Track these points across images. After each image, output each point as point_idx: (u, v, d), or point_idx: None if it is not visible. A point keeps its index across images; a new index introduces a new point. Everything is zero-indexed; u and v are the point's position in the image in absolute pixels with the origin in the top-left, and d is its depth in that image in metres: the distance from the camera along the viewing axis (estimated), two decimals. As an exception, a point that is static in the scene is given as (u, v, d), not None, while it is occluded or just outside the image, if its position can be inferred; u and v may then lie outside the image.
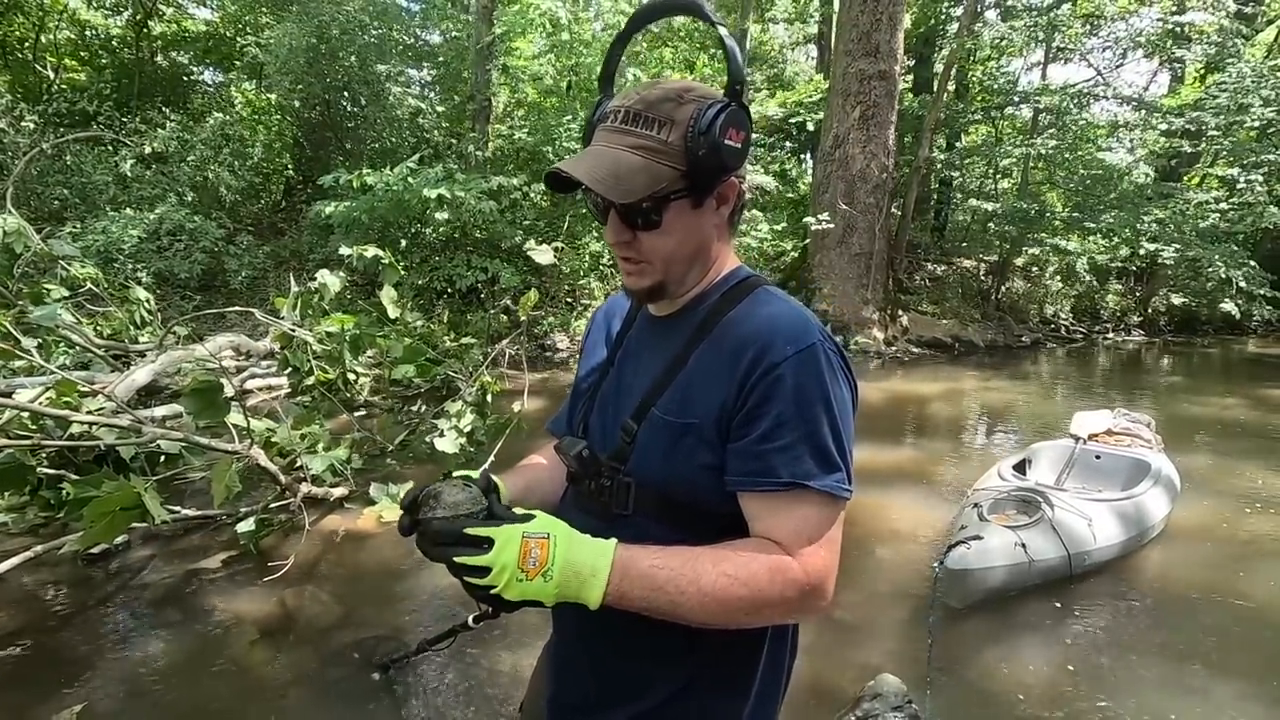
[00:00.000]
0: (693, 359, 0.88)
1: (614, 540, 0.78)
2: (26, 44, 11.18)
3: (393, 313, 5.61)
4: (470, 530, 0.73)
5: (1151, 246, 10.91)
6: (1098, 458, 4.02)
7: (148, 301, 6.08)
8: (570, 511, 1.02)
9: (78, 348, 5.16)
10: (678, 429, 0.86)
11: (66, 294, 5.24)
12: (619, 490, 0.91)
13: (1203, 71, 12.68)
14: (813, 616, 0.84)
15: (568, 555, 0.74)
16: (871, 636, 2.76)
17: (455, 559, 0.73)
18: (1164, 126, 11.29)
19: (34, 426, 3.12)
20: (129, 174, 8.93)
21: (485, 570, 0.72)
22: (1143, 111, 12.65)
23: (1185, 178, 12.66)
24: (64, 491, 2.91)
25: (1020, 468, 3.99)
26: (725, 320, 0.88)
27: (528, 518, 0.77)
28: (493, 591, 0.73)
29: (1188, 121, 10.65)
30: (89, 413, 3.12)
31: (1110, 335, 13.45)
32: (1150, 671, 2.62)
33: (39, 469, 3.02)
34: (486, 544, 0.72)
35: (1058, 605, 3.05)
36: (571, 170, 0.82)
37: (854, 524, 3.79)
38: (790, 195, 12.53)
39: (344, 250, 5.56)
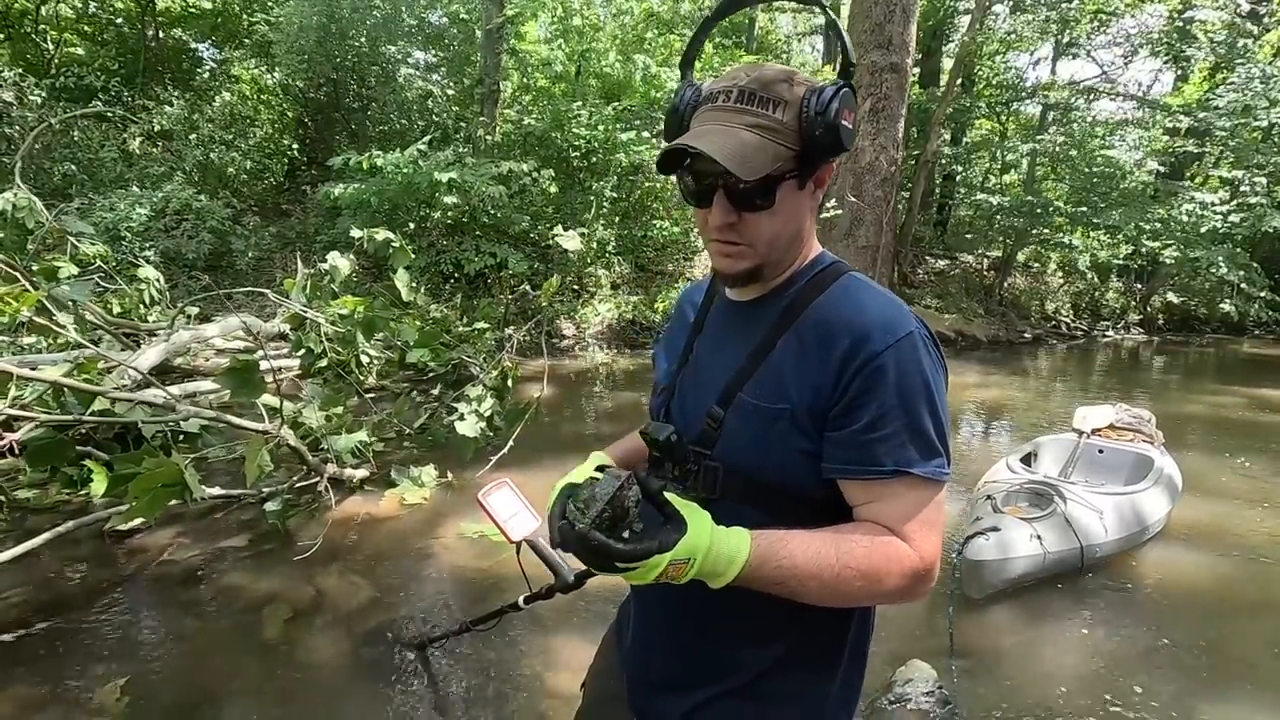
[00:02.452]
0: (780, 345, 0.89)
1: (748, 542, 0.78)
2: (28, 17, 11.02)
3: (406, 296, 5.62)
4: (620, 561, 0.74)
5: (1153, 245, 10.96)
6: (1101, 452, 4.08)
7: (157, 281, 6.05)
8: None
9: (88, 325, 5.14)
10: (769, 414, 0.87)
11: (77, 271, 5.21)
12: (706, 475, 0.92)
13: (1209, 70, 12.71)
14: (922, 598, 0.86)
15: (701, 569, 0.77)
16: (895, 624, 2.81)
17: (617, 564, 0.74)
18: (1169, 124, 11.32)
19: (54, 403, 3.13)
20: (136, 151, 8.84)
21: (632, 567, 0.75)
22: (1146, 109, 12.68)
23: (1188, 176, 12.69)
24: (85, 469, 2.92)
25: (1026, 461, 4.04)
26: (814, 306, 0.88)
27: (681, 530, 0.75)
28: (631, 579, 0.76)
29: (1194, 120, 10.67)
30: (118, 388, 3.13)
31: (1110, 333, 13.53)
32: (1162, 661, 2.68)
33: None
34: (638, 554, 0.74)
35: (1070, 596, 3.11)
36: (700, 144, 0.81)
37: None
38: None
39: (355, 233, 5.55)
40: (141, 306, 5.93)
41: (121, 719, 2.07)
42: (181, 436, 3.54)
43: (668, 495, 0.78)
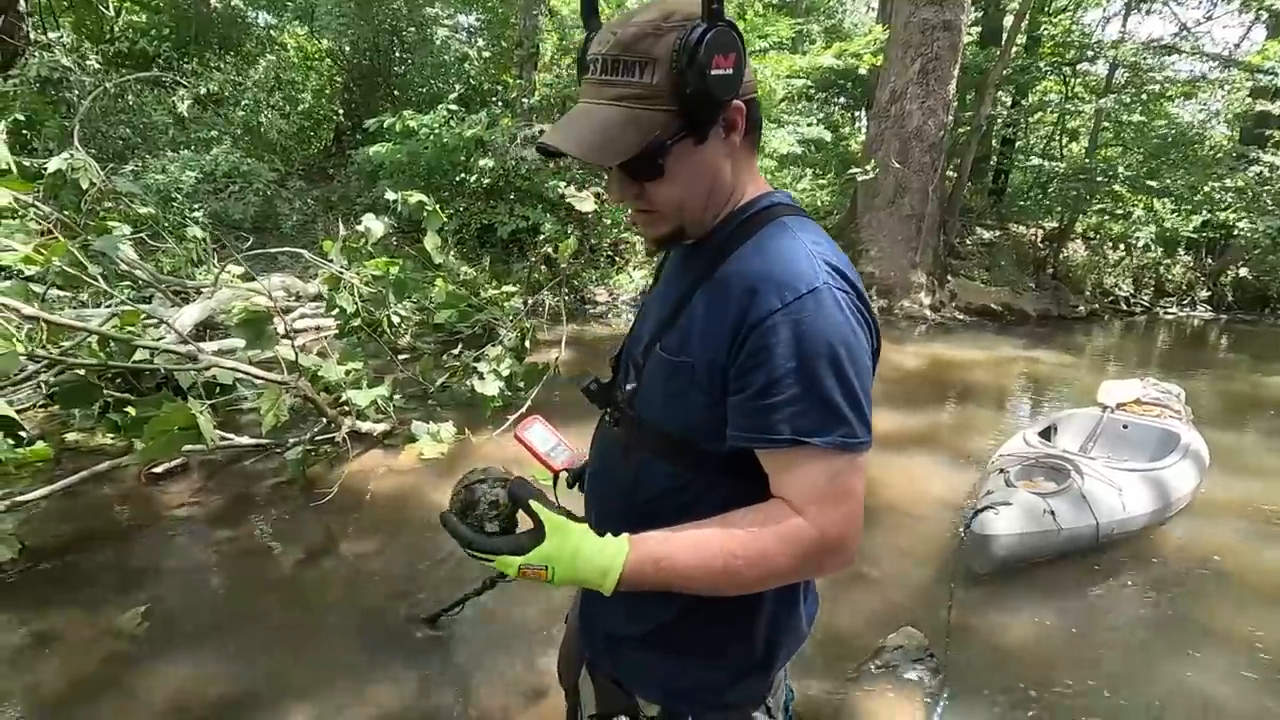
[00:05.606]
0: (697, 296, 0.86)
1: (625, 553, 0.79)
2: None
3: (436, 259, 5.72)
4: (476, 554, 0.80)
5: (1227, 215, 10.26)
6: (1125, 427, 3.93)
7: (204, 241, 6.30)
8: (599, 442, 1.04)
9: (140, 282, 5.40)
10: (673, 367, 0.86)
11: (130, 230, 5.47)
12: (630, 425, 0.93)
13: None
14: (836, 572, 0.82)
15: (566, 577, 0.79)
16: (896, 594, 2.79)
17: (469, 550, 0.81)
18: (1249, 83, 10.51)
19: (102, 352, 3.34)
20: (186, 115, 9.14)
21: (487, 559, 0.80)
22: (1230, 70, 11.77)
23: (1271, 145, 11.77)
24: (128, 415, 3.11)
25: (1046, 434, 3.91)
26: (733, 257, 0.85)
27: (537, 538, 0.79)
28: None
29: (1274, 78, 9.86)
30: (149, 340, 3.30)
31: (1173, 310, 12.84)
32: (1170, 644, 2.60)
33: (106, 392, 3.23)
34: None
35: (1082, 573, 3.03)
36: (557, 142, 0.80)
37: (884, 485, 3.79)
38: (838, 150, 12.13)
39: (389, 195, 5.66)
40: (189, 265, 6.21)
41: (137, 642, 2.24)
42: (219, 388, 3.73)
43: (534, 505, 0.80)
